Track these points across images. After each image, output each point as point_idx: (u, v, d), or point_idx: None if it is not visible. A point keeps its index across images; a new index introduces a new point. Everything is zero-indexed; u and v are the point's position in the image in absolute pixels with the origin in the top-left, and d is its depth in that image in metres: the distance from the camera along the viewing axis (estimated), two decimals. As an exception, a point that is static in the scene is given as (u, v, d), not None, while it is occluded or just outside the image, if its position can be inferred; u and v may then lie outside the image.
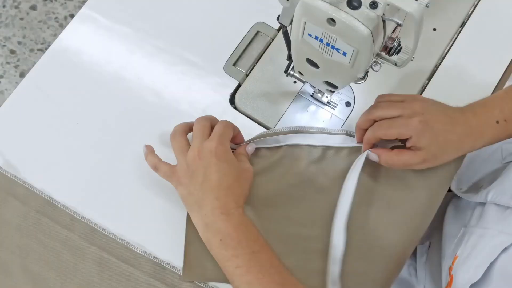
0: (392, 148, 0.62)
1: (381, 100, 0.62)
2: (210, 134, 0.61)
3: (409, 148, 0.59)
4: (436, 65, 0.73)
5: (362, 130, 0.63)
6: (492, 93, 0.71)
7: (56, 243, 0.65)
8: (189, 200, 0.60)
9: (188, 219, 0.64)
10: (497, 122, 0.59)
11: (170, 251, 0.65)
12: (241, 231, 0.57)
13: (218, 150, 0.59)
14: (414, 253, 0.82)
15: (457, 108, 0.61)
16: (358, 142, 0.66)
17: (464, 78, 0.72)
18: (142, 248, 0.65)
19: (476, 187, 0.67)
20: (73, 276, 0.64)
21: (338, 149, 0.67)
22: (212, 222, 0.57)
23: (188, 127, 0.64)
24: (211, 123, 0.63)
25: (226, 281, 0.60)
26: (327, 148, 0.67)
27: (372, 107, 0.62)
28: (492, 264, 0.52)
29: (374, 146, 0.63)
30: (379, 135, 0.60)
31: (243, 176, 0.62)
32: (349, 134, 0.67)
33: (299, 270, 0.61)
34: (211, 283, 0.63)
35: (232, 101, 0.72)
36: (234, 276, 0.56)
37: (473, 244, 0.57)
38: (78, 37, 0.75)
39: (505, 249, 0.51)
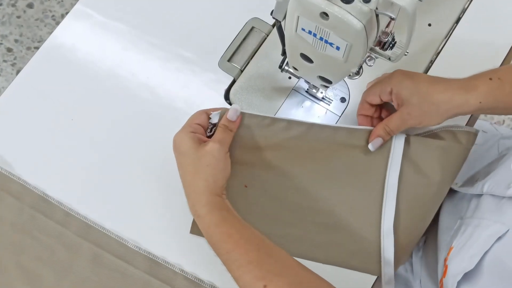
0: None
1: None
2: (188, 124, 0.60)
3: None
4: (431, 60, 0.73)
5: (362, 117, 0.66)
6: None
7: (51, 239, 0.65)
8: None
9: None
10: (491, 79, 0.57)
11: (165, 247, 0.65)
12: (211, 233, 0.56)
13: (176, 140, 0.57)
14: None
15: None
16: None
17: (459, 73, 0.72)
18: (137, 244, 0.65)
19: (471, 181, 0.67)
20: (68, 272, 0.64)
21: (350, 130, 0.66)
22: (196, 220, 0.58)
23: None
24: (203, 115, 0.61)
25: None
26: (338, 128, 0.66)
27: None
28: (485, 253, 0.52)
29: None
30: (366, 97, 0.62)
31: (202, 164, 0.57)
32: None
33: (304, 240, 0.65)
34: (207, 280, 0.63)
35: (227, 97, 0.72)
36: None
37: (469, 234, 0.57)
38: (73, 34, 0.75)
39: (499, 238, 0.51)
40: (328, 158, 0.66)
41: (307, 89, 0.71)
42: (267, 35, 0.74)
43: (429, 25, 0.74)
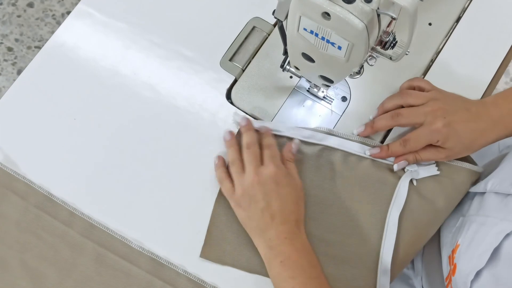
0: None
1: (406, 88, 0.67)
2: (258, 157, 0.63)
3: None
4: (432, 59, 0.73)
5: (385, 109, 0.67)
6: (488, 87, 0.72)
7: (55, 239, 0.66)
8: (249, 224, 0.62)
9: (216, 204, 0.66)
10: None
11: (168, 248, 0.65)
12: (303, 255, 0.59)
13: (277, 175, 0.61)
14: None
15: (478, 102, 0.63)
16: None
17: (460, 72, 0.73)
18: (140, 245, 0.65)
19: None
20: (71, 272, 0.64)
21: (359, 157, 0.67)
22: (276, 246, 0.59)
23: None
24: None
25: (241, 267, 0.63)
26: (348, 154, 0.67)
27: (404, 94, 0.65)
28: (497, 251, 0.52)
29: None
30: (413, 147, 0.63)
31: (301, 197, 0.63)
32: (364, 143, 0.68)
33: None
34: (210, 282, 0.64)
35: (228, 96, 0.72)
36: None
37: (474, 232, 0.58)
38: (74, 33, 0.75)
39: (507, 235, 0.51)
40: (339, 183, 0.67)
41: (308, 88, 0.71)
42: (269, 35, 0.74)
43: (430, 24, 0.74)
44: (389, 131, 0.70)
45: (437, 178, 0.66)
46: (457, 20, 0.75)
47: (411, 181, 0.66)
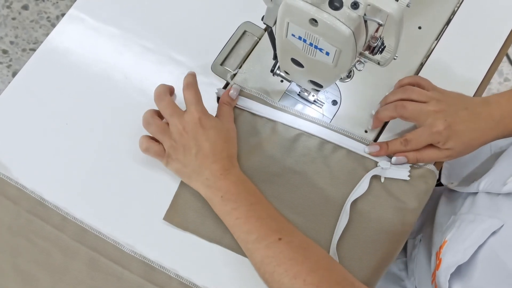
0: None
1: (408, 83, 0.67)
2: (176, 106, 0.64)
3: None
4: (422, 63, 0.74)
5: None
6: (477, 89, 0.72)
7: (47, 243, 0.66)
8: (185, 172, 0.63)
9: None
10: None
11: (160, 252, 0.66)
12: (239, 186, 0.62)
13: (201, 119, 0.62)
14: (404, 248, 0.83)
15: (481, 100, 0.64)
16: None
17: (450, 75, 0.73)
18: (132, 249, 0.65)
19: (467, 180, 0.68)
20: (63, 276, 0.65)
21: (336, 146, 0.68)
22: (212, 183, 0.61)
23: (156, 111, 0.66)
24: (170, 93, 0.66)
25: (202, 236, 0.65)
26: (325, 142, 0.68)
27: (408, 90, 0.65)
28: (480, 247, 0.53)
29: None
30: (413, 144, 0.64)
31: (230, 136, 0.66)
32: (346, 135, 0.69)
33: None
34: (202, 285, 0.64)
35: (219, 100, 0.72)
36: (235, 227, 0.60)
37: (463, 228, 0.59)
38: (67, 38, 0.75)
39: (494, 233, 0.52)
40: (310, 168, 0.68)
41: (299, 92, 0.71)
42: (259, 39, 0.74)
43: (419, 28, 0.75)
44: (382, 129, 0.71)
45: (409, 179, 0.66)
46: (447, 23, 0.76)
47: (379, 178, 0.66)
